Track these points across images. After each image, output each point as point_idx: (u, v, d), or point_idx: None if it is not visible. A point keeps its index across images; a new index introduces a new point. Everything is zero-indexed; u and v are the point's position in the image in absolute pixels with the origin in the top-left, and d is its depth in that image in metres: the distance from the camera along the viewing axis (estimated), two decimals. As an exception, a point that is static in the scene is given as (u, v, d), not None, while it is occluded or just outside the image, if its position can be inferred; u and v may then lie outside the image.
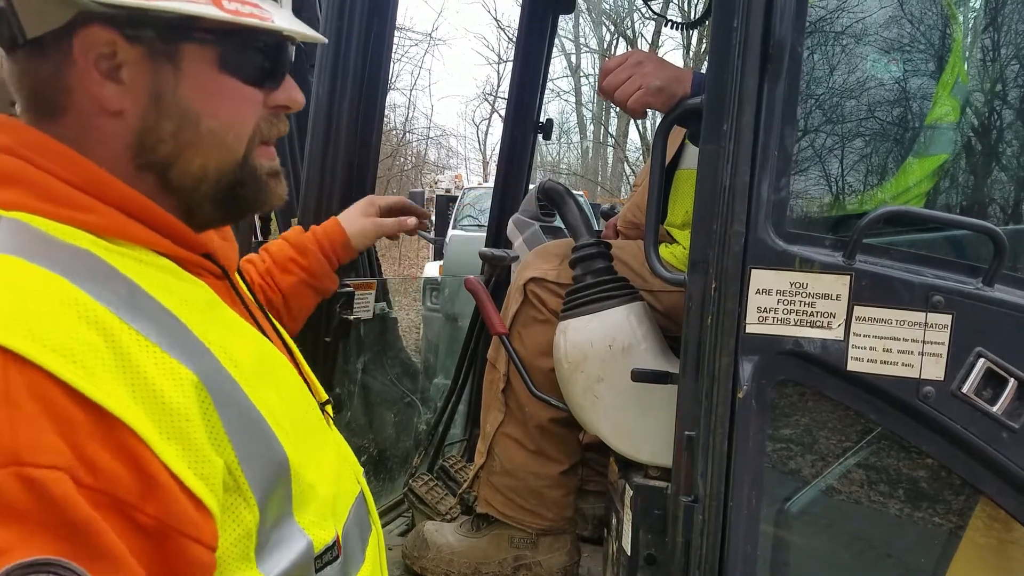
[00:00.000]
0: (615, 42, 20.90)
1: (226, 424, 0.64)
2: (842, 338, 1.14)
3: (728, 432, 1.15)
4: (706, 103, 1.19)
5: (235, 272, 0.89)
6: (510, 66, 2.62)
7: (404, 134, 20.63)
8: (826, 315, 1.15)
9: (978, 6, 1.53)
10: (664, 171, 1.43)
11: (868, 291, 1.14)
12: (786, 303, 1.14)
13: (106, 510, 0.53)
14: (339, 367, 2.07)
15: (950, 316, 1.14)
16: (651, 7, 3.56)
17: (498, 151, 2.67)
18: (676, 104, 1.37)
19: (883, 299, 1.14)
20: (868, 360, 1.15)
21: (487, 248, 2.34)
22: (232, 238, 0.92)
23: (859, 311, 1.14)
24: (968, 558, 1.24)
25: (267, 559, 0.67)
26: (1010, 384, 1.15)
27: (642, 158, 18.85)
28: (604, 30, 21.65)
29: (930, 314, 1.14)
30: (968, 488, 1.22)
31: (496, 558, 1.76)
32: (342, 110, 1.91)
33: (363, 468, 0.99)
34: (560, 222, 1.83)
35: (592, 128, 24.23)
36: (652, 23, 18.03)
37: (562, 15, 2.54)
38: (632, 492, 1.39)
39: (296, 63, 0.97)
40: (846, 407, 1.20)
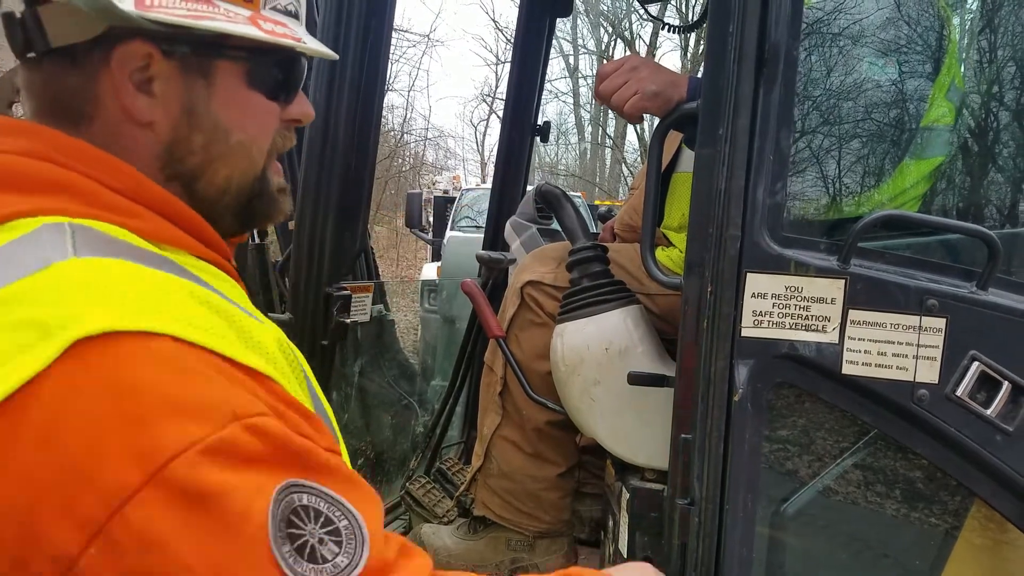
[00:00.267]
0: (613, 44, 20.92)
1: (300, 378, 0.72)
2: (837, 342, 1.15)
3: (724, 435, 1.15)
4: (702, 107, 1.19)
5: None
6: (508, 68, 2.61)
7: (402, 135, 20.63)
8: (821, 319, 1.15)
9: (973, 9, 1.54)
10: (660, 175, 1.44)
11: (863, 295, 1.14)
12: (781, 307, 1.15)
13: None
14: (336, 370, 2.07)
15: (944, 320, 1.14)
16: (648, 10, 3.55)
17: (496, 153, 2.67)
18: (672, 108, 1.37)
19: (878, 303, 1.15)
20: (863, 363, 1.15)
21: (484, 251, 2.34)
22: None
23: (854, 315, 1.15)
24: (963, 559, 1.25)
25: None
26: (1004, 387, 1.15)
27: (640, 160, 18.86)
28: (602, 32, 21.68)
29: (924, 318, 1.14)
30: (963, 490, 1.22)
31: (493, 560, 1.76)
32: (339, 112, 1.91)
33: (360, 471, 0.99)
34: (557, 225, 1.83)
35: (590, 130, 24.25)
36: (650, 25, 18.06)
37: (560, 17, 2.54)
38: (629, 495, 1.39)
39: None
40: (841, 410, 1.20)
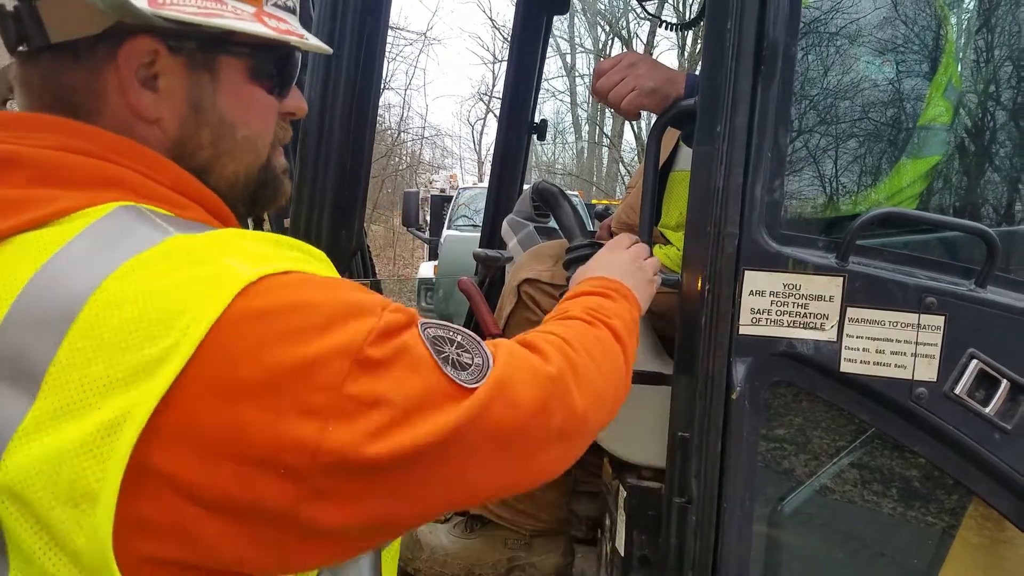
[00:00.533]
0: (610, 43, 20.92)
1: None
2: (835, 339, 1.15)
3: (722, 433, 1.15)
4: (700, 104, 1.19)
5: None
6: (505, 66, 2.60)
7: (399, 134, 20.61)
8: (819, 316, 1.15)
9: (971, 8, 1.54)
10: (658, 172, 1.43)
11: (861, 292, 1.14)
12: (779, 304, 1.14)
13: None
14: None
15: (943, 317, 1.14)
16: (645, 8, 3.54)
17: (492, 151, 2.66)
18: (670, 105, 1.37)
19: (876, 300, 1.14)
20: (861, 361, 1.15)
21: (481, 249, 2.33)
22: None
23: (852, 312, 1.14)
24: (961, 558, 1.25)
25: None
26: (1003, 385, 1.15)
27: (637, 159, 18.87)
28: (599, 31, 21.67)
29: (923, 315, 1.14)
30: (961, 489, 1.22)
31: (490, 559, 1.76)
32: (335, 109, 1.90)
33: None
34: (554, 223, 1.82)
35: (587, 128, 24.25)
36: (647, 24, 18.06)
37: (556, 15, 2.54)
38: (626, 493, 1.39)
39: None
40: (839, 408, 1.20)
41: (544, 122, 2.53)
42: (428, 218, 10.92)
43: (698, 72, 1.24)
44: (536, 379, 0.75)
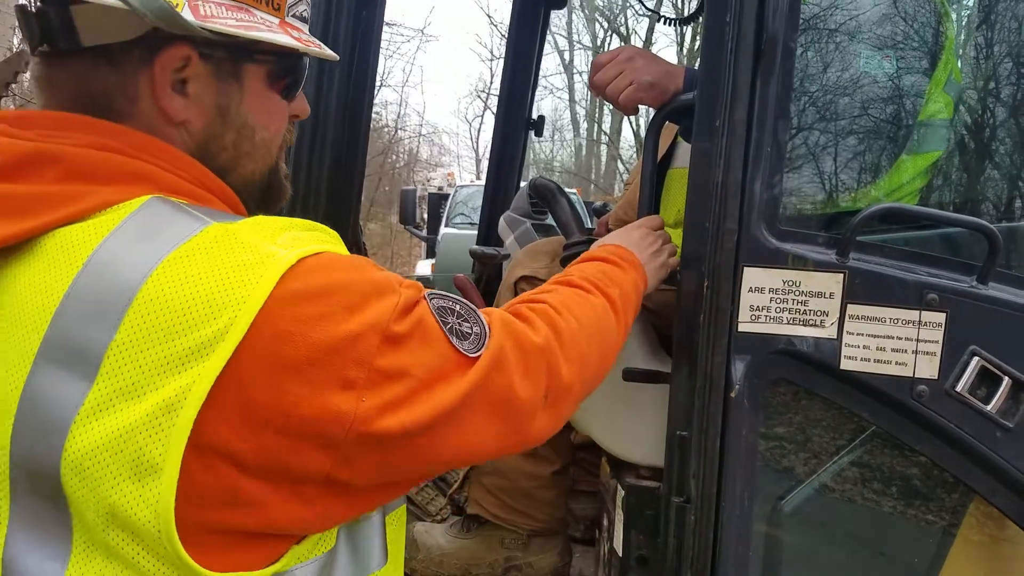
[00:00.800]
0: (609, 39, 20.90)
1: None
2: (835, 337, 1.13)
3: (720, 432, 1.14)
4: (698, 99, 1.17)
5: None
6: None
7: (396, 131, 20.58)
8: (819, 313, 1.13)
9: (970, 3, 1.53)
10: (655, 167, 1.42)
11: (861, 289, 1.13)
12: (779, 301, 1.13)
13: None
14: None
15: (944, 314, 1.13)
16: (644, 4, 3.52)
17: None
18: (668, 100, 1.36)
19: (877, 297, 1.13)
20: (861, 359, 1.14)
21: (478, 246, 2.32)
22: None
23: (852, 309, 1.13)
24: (962, 557, 1.24)
25: None
26: (1004, 383, 1.14)
27: (636, 156, 18.87)
28: (597, 27, 21.65)
29: (924, 312, 1.13)
30: (962, 487, 1.21)
31: (487, 559, 1.75)
32: (328, 107, 1.89)
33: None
34: (551, 219, 1.81)
35: (585, 125, 24.25)
36: (646, 20, 18.05)
37: (554, 10, 2.52)
38: (624, 493, 1.38)
39: None
40: (839, 406, 1.19)
41: (541, 118, 2.52)
42: (425, 216, 10.90)
43: (697, 67, 1.22)
44: (524, 349, 0.81)
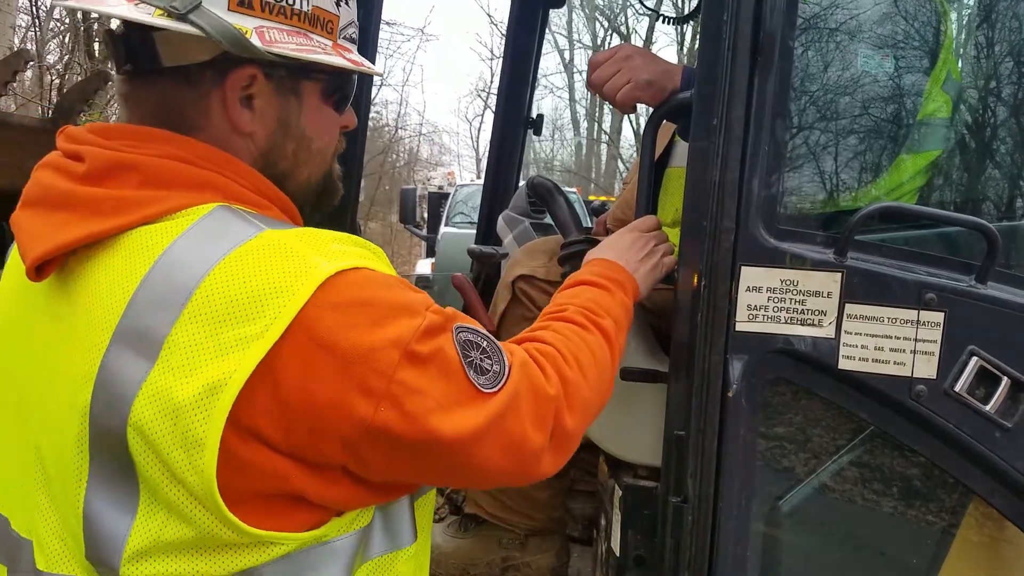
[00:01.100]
0: (609, 38, 20.90)
1: None
2: (833, 336, 1.13)
3: (718, 432, 1.13)
4: (696, 97, 1.17)
5: None
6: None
7: (396, 130, 20.58)
8: (817, 313, 1.13)
9: (970, 2, 1.52)
10: (653, 166, 1.42)
11: (860, 288, 1.12)
12: (776, 301, 1.13)
13: None
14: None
15: (943, 314, 1.12)
16: (644, 3, 3.52)
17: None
18: (666, 98, 1.35)
19: (875, 296, 1.13)
20: (860, 358, 1.13)
21: (476, 245, 2.31)
22: None
23: (851, 309, 1.13)
24: (961, 557, 1.23)
25: None
26: (1003, 383, 1.14)
27: (636, 154, 18.86)
28: (597, 26, 21.65)
29: (922, 312, 1.13)
30: (961, 487, 1.21)
31: (484, 559, 1.74)
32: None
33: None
34: (550, 219, 1.80)
35: (586, 124, 24.24)
36: (646, 20, 18.04)
37: (553, 9, 2.52)
38: (621, 492, 1.37)
39: None
40: (837, 406, 1.19)
41: (540, 117, 2.51)
42: (426, 215, 10.90)
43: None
44: (538, 397, 0.88)
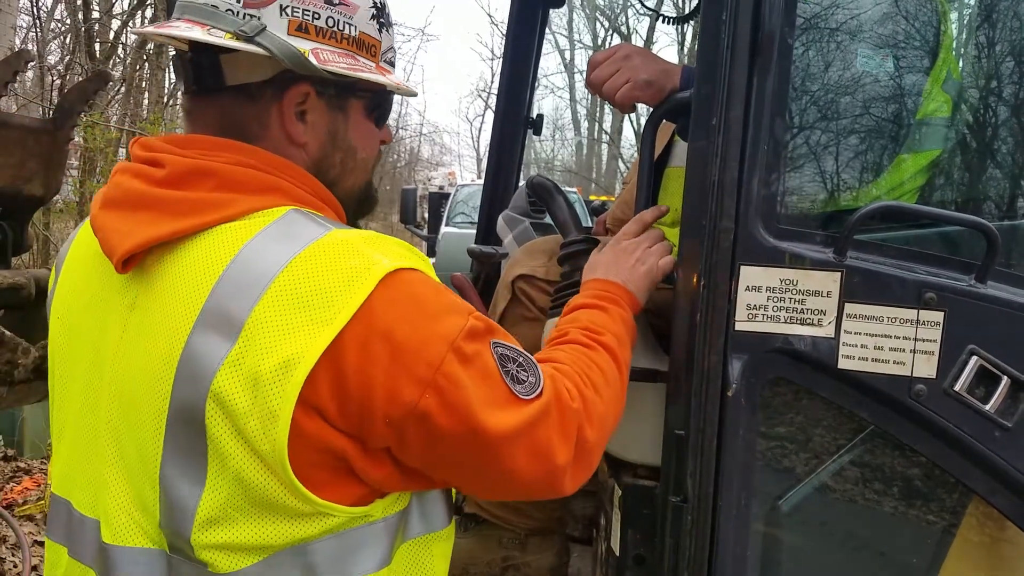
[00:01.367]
0: (609, 38, 20.89)
1: None
2: (833, 336, 1.13)
3: (717, 431, 1.13)
4: (695, 96, 1.17)
5: None
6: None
7: (397, 131, 20.57)
8: (817, 312, 1.13)
9: (970, 2, 1.52)
10: (652, 166, 1.41)
11: (859, 288, 1.12)
12: (776, 300, 1.13)
13: None
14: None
15: (942, 313, 1.12)
16: (644, 3, 3.53)
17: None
18: (665, 98, 1.35)
19: (875, 296, 1.13)
20: (859, 358, 1.13)
21: (476, 245, 2.31)
22: None
23: (850, 308, 1.13)
24: (961, 557, 1.23)
25: None
26: (1003, 382, 1.13)
27: (636, 154, 18.84)
28: (598, 26, 21.64)
29: (922, 311, 1.12)
30: (961, 487, 1.21)
31: (484, 558, 1.74)
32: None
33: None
34: (550, 218, 1.80)
35: (586, 124, 24.23)
36: (646, 20, 18.03)
37: (553, 9, 2.51)
38: (621, 492, 1.37)
39: None
40: (837, 406, 1.18)
41: (540, 117, 2.50)
42: (426, 215, 10.91)
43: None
44: (564, 411, 0.94)
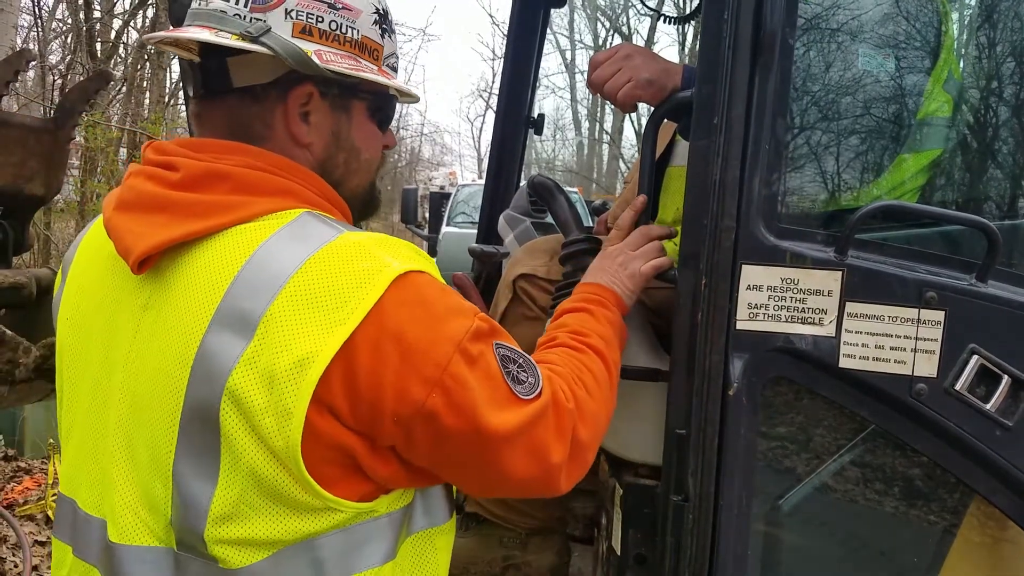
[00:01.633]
0: (610, 38, 20.89)
1: None
2: (834, 335, 1.13)
3: (718, 430, 1.13)
4: (696, 96, 1.17)
5: None
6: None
7: (398, 130, 20.58)
8: (818, 311, 1.13)
9: (971, 2, 1.52)
10: (653, 165, 1.41)
11: (860, 287, 1.12)
12: (777, 299, 1.13)
13: None
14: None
15: (943, 312, 1.12)
16: (645, 3, 3.54)
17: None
18: (666, 97, 1.35)
19: (875, 295, 1.13)
20: (860, 357, 1.13)
21: (477, 244, 2.31)
22: None
23: (851, 307, 1.13)
24: (962, 556, 1.23)
25: None
26: (1003, 381, 1.13)
27: (637, 154, 18.83)
28: (599, 26, 21.64)
29: (923, 310, 1.12)
30: (962, 486, 1.21)
31: (485, 558, 1.74)
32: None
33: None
34: (551, 218, 1.80)
35: (587, 124, 24.23)
36: (647, 20, 18.03)
37: (554, 9, 2.51)
38: (622, 491, 1.37)
39: None
40: (838, 405, 1.19)
41: (541, 116, 2.50)
42: (427, 215, 10.89)
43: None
44: (560, 411, 0.97)
